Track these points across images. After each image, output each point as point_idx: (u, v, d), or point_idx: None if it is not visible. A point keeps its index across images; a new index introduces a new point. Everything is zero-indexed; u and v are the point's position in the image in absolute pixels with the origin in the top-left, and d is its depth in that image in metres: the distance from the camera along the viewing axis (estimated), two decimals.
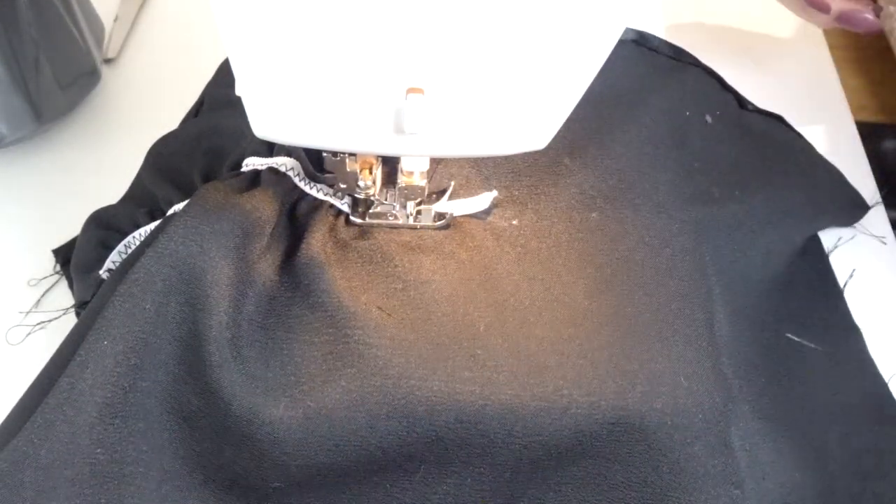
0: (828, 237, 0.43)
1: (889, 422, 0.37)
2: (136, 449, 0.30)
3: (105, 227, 0.38)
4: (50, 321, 0.40)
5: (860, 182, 0.45)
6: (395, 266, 0.34)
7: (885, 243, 0.44)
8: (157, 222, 0.37)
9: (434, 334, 0.32)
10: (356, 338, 0.31)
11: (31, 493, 0.29)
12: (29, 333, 0.39)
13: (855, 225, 0.44)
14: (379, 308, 0.33)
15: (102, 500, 0.29)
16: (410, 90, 0.25)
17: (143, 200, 0.40)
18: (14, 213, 0.45)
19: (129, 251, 0.37)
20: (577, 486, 0.31)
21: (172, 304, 0.31)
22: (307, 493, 0.31)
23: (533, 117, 0.28)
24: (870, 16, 0.47)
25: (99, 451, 0.30)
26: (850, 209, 0.44)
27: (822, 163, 0.44)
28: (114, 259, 0.37)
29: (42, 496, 0.29)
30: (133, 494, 0.30)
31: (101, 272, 0.37)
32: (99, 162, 0.47)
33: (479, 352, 0.32)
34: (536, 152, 0.32)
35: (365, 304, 0.33)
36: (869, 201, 0.44)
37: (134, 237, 0.37)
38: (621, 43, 0.35)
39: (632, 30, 0.46)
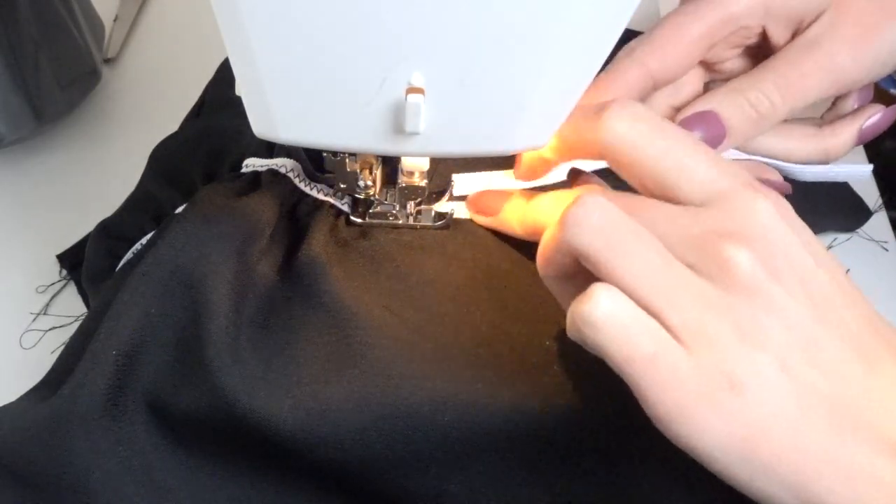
0: (824, 239, 0.42)
1: None
2: (143, 460, 0.30)
3: (113, 237, 0.38)
4: (62, 326, 0.40)
5: (860, 186, 0.44)
6: (397, 266, 0.34)
7: (886, 249, 0.43)
8: None
9: (437, 335, 0.32)
10: (358, 338, 0.31)
11: None
12: (39, 339, 0.39)
13: (857, 230, 0.43)
14: (382, 308, 0.33)
15: None
16: (410, 90, 0.25)
17: (147, 204, 0.40)
18: (13, 212, 0.45)
19: None
20: (587, 483, 0.30)
21: (173, 309, 0.31)
22: (318, 492, 0.31)
23: (533, 117, 0.28)
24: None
25: (98, 460, 0.29)
26: (853, 214, 0.43)
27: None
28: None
29: None
30: None
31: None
32: (99, 162, 0.47)
33: (482, 351, 0.32)
34: None
35: (367, 305, 0.33)
36: (871, 205, 0.44)
37: (142, 244, 0.37)
38: (622, 43, 0.35)
39: (632, 30, 0.46)
